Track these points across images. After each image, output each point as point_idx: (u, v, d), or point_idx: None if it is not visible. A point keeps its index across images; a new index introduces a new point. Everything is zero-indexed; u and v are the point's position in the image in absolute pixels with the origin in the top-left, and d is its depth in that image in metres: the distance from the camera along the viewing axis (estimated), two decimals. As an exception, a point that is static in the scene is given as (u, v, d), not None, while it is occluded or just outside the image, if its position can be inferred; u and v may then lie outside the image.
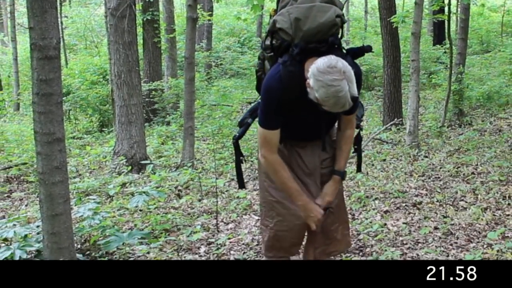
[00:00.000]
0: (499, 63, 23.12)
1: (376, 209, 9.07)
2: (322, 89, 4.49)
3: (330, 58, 4.55)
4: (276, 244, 5.30)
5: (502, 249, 7.19)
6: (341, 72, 4.47)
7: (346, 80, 4.47)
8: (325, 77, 4.47)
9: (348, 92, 4.48)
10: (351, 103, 4.57)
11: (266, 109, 4.97)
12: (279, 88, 4.82)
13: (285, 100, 4.84)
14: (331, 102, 4.53)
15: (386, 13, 15.05)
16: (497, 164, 11.01)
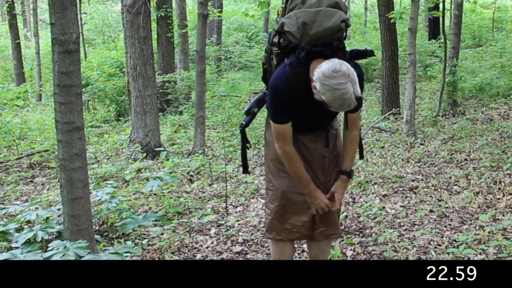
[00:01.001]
0: (490, 56, 23.21)
1: (375, 193, 9.07)
2: (329, 92, 4.52)
3: (334, 63, 4.56)
4: (277, 225, 5.28)
5: (493, 231, 7.19)
6: (346, 75, 4.49)
7: (350, 82, 4.49)
8: (331, 81, 4.50)
9: (352, 94, 4.50)
10: (355, 103, 4.61)
11: (275, 106, 4.99)
12: (285, 88, 4.85)
13: (291, 98, 4.86)
14: (338, 104, 4.56)
15: (384, 9, 15.08)
16: (489, 151, 11.03)
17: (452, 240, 7.09)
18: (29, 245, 6.00)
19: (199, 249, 7.17)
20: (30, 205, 7.45)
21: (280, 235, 5.29)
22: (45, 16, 35.83)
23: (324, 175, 5.26)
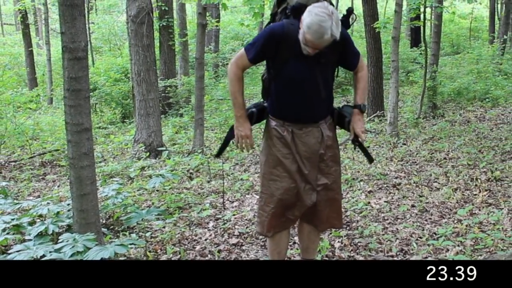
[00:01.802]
0: (468, 63, 23.35)
1: (361, 190, 9.09)
2: (309, 17, 4.63)
3: (325, 2, 4.75)
4: (273, 223, 5.22)
5: (470, 224, 7.24)
6: (329, 11, 4.61)
7: (332, 20, 4.57)
8: (315, 9, 4.64)
9: (330, 28, 4.58)
10: (329, 40, 4.65)
11: (258, 39, 5.07)
12: (280, 30, 4.92)
13: (283, 43, 4.91)
14: (313, 29, 4.61)
15: (370, 19, 15.19)
16: (466, 151, 11.10)
17: (432, 233, 7.10)
18: (41, 238, 6.00)
19: (198, 241, 7.16)
20: (42, 200, 7.48)
21: (278, 228, 5.27)
22: (56, 25, 36.09)
23: (316, 172, 5.20)
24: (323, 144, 5.20)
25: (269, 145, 5.23)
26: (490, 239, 6.61)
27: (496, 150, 11.15)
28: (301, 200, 5.18)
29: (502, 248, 6.37)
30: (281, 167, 5.14)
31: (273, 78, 5.13)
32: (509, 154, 10.77)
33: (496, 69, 21.03)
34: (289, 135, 5.13)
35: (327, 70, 5.08)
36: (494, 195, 8.51)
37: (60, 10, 5.36)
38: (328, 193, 5.27)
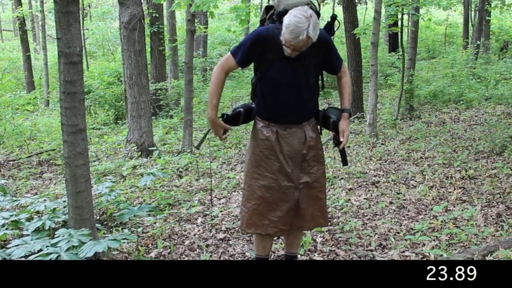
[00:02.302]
0: (443, 67, 23.48)
1: (341, 187, 9.10)
2: (288, 18, 4.75)
3: (305, 6, 4.82)
4: (256, 222, 5.25)
5: (445, 220, 7.28)
6: (308, 14, 4.70)
7: (310, 23, 4.66)
8: (295, 11, 4.75)
9: (307, 30, 4.68)
10: (305, 40, 4.72)
11: (245, 42, 5.12)
12: (265, 33, 5.01)
13: (268, 46, 4.97)
14: (290, 29, 4.71)
15: (350, 26, 15.25)
16: (441, 150, 11.14)
17: (409, 228, 7.14)
18: (38, 233, 6.01)
19: (187, 236, 7.17)
20: (39, 197, 7.49)
21: (259, 230, 5.27)
22: (52, 32, 35.80)
23: (299, 171, 5.22)
24: (306, 144, 5.23)
25: (254, 145, 5.28)
26: (464, 234, 6.67)
27: (470, 149, 11.18)
28: (283, 199, 5.20)
29: (475, 243, 6.40)
30: (263, 167, 5.19)
31: (259, 80, 5.16)
32: (482, 153, 10.80)
33: (470, 73, 21.14)
34: (274, 135, 5.16)
35: (310, 72, 5.11)
36: (468, 192, 8.55)
37: (56, 17, 5.36)
38: (310, 191, 5.28)
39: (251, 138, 5.38)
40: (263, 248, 5.58)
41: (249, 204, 5.26)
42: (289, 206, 5.23)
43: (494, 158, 10.43)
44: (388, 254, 6.32)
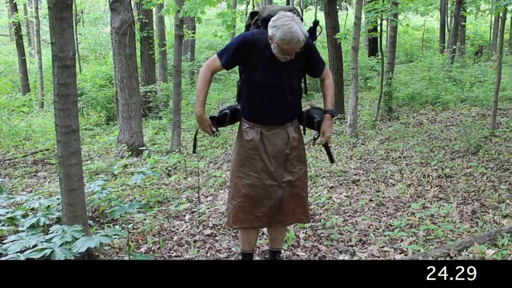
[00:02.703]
0: (420, 70, 23.77)
1: (323, 185, 9.12)
2: (279, 30, 4.76)
3: (281, 12, 4.89)
4: (242, 218, 5.30)
5: (422, 217, 7.32)
6: (290, 17, 4.76)
7: (296, 23, 4.71)
8: (278, 21, 4.77)
9: (299, 30, 4.74)
10: (304, 40, 4.80)
11: (230, 46, 5.14)
12: (250, 37, 5.05)
13: (252, 50, 5.02)
14: (288, 38, 4.73)
15: (331, 31, 15.35)
16: (419, 150, 11.20)
17: (388, 224, 7.18)
18: (33, 229, 6.01)
19: (175, 232, 7.19)
20: (34, 195, 7.46)
21: (244, 225, 5.32)
22: (47, 36, 36.06)
23: (282, 170, 5.27)
24: (289, 145, 5.27)
25: (239, 145, 5.31)
26: (441, 230, 6.70)
27: (446, 149, 11.24)
28: (267, 197, 5.24)
29: (451, 239, 6.44)
30: (248, 166, 5.23)
31: (244, 82, 5.19)
32: (458, 153, 10.87)
33: (446, 76, 21.38)
34: (258, 136, 5.20)
35: (293, 76, 5.13)
36: (444, 190, 8.59)
37: (51, 22, 5.36)
38: (292, 189, 5.33)
39: (236, 139, 5.41)
40: (249, 243, 5.59)
41: (234, 202, 5.31)
42: (273, 203, 5.27)
43: (469, 157, 10.50)
44: (368, 249, 6.33)
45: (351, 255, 6.20)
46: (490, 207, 7.66)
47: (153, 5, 13.50)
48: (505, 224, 6.82)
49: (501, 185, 8.63)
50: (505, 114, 15.37)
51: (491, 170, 9.50)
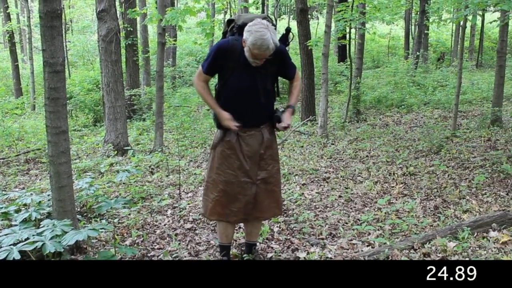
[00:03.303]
0: (386, 75, 23.91)
1: (296, 183, 9.17)
2: (252, 36, 4.85)
3: (258, 19, 4.95)
4: (219, 211, 5.39)
5: (388, 212, 7.38)
6: (265, 25, 4.84)
7: (269, 31, 4.77)
8: (253, 27, 4.87)
9: (271, 38, 4.83)
10: (273, 48, 4.88)
11: (209, 54, 5.25)
12: (226, 45, 5.15)
13: (228, 56, 5.11)
14: (259, 44, 4.82)
15: (303, 38, 15.39)
16: (385, 150, 11.29)
17: (356, 219, 7.23)
18: (25, 223, 6.00)
19: (158, 226, 7.21)
20: (26, 191, 7.43)
21: (221, 218, 5.39)
22: (38, 44, 36.15)
23: (257, 169, 5.33)
24: (263, 145, 5.34)
25: (217, 145, 5.36)
26: (405, 225, 6.75)
27: (410, 149, 11.32)
28: (242, 193, 5.31)
29: (415, 232, 6.47)
30: (225, 164, 5.30)
31: (222, 86, 5.26)
32: (421, 152, 10.94)
33: (410, 81, 21.50)
34: (235, 136, 5.27)
35: (266, 79, 5.21)
36: (408, 187, 8.66)
37: (42, 30, 5.36)
38: (266, 186, 5.39)
39: (214, 138, 5.46)
40: (226, 236, 5.64)
41: (212, 195, 5.37)
42: (248, 199, 5.33)
43: (432, 156, 10.57)
44: (338, 242, 6.35)
45: (322, 247, 6.21)
46: (451, 202, 7.72)
47: (137, 15, 13.57)
48: (465, 218, 6.87)
49: (461, 182, 8.70)
50: (465, 116, 15.49)
51: (452, 168, 9.58)
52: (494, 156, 10.01)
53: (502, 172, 9.02)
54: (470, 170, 9.41)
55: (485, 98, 18.41)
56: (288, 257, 5.98)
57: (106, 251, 5.63)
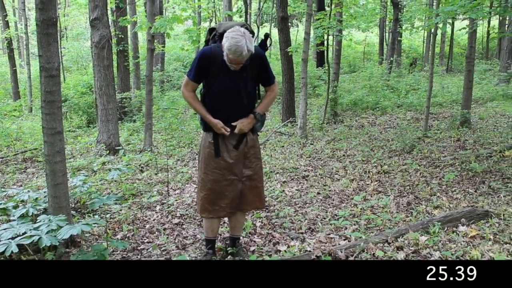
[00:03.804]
0: (362, 79, 24.06)
1: (277, 180, 9.21)
2: (228, 41, 4.88)
3: (236, 26, 5.01)
4: (208, 208, 5.40)
5: (363, 208, 7.42)
6: (242, 32, 4.87)
7: (245, 39, 4.82)
8: (230, 34, 4.90)
9: (245, 45, 4.85)
10: (248, 54, 4.92)
11: (195, 64, 5.21)
12: (209, 52, 5.14)
13: (212, 62, 5.13)
14: (233, 50, 4.86)
15: (284, 45, 15.55)
16: (360, 149, 11.36)
17: (333, 214, 7.25)
18: (23, 218, 5.99)
19: (147, 221, 7.22)
20: (24, 189, 7.42)
21: (211, 214, 5.41)
22: (35, 50, 36.37)
23: (242, 167, 5.37)
24: (247, 145, 5.37)
25: (205, 146, 5.39)
26: (380, 220, 6.79)
27: (384, 149, 11.40)
28: (229, 190, 5.35)
29: (389, 227, 6.51)
30: (213, 165, 5.31)
31: (207, 90, 5.26)
32: (395, 152, 11.02)
33: (385, 85, 21.73)
34: (221, 138, 5.30)
35: (247, 83, 5.22)
36: (383, 184, 8.70)
37: (38, 37, 5.36)
38: (251, 182, 5.42)
39: (202, 140, 5.48)
40: (212, 231, 5.66)
41: (201, 194, 5.39)
42: (234, 195, 5.37)
43: (405, 156, 10.64)
44: (316, 236, 6.37)
45: (302, 241, 6.24)
46: (423, 199, 7.76)
47: (128, 23, 13.58)
48: (436, 214, 6.90)
49: (432, 180, 8.75)
50: (436, 117, 15.60)
51: (424, 167, 9.63)
52: (463, 156, 10.10)
53: (471, 170, 9.08)
54: (441, 168, 9.47)
55: (454, 101, 18.59)
56: (269, 251, 5.99)
57: (99, 245, 5.62)
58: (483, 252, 5.46)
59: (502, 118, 15.09)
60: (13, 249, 4.87)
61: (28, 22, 27.55)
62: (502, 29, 25.26)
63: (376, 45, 38.26)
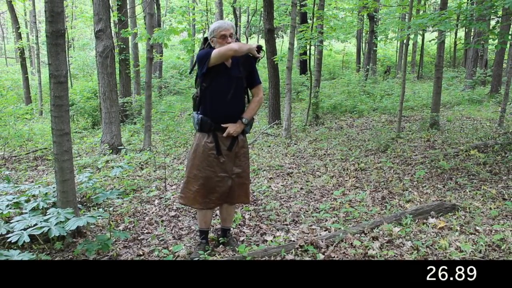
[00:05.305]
0: (341, 85, 23.97)
1: (264, 177, 9.21)
2: (213, 26, 5.14)
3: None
4: (199, 200, 5.40)
5: (342, 202, 7.42)
6: (229, 23, 4.99)
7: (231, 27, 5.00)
8: (217, 23, 5.15)
9: (226, 23, 5.13)
10: (232, 26, 5.13)
11: (202, 59, 5.14)
12: (207, 52, 5.05)
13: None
14: (221, 24, 5.10)
15: (270, 54, 15.45)
16: (339, 149, 11.33)
17: (315, 208, 7.25)
18: (34, 211, 6.03)
19: (147, 214, 7.23)
20: (35, 184, 7.48)
21: (202, 206, 5.41)
22: (45, 59, 36.33)
23: (232, 165, 5.39)
24: (238, 144, 5.39)
25: (198, 144, 5.40)
26: (357, 212, 6.82)
27: (361, 148, 11.37)
28: (220, 185, 5.35)
29: (365, 219, 6.53)
30: (206, 163, 5.32)
31: (206, 88, 5.26)
32: (371, 151, 11.02)
33: (362, 90, 21.72)
34: (214, 138, 5.32)
35: (242, 83, 5.30)
36: (359, 181, 8.70)
37: (48, 47, 5.36)
38: (239, 179, 5.45)
39: (196, 139, 5.48)
40: (205, 222, 5.69)
41: (194, 188, 5.37)
42: (224, 190, 5.39)
43: (380, 154, 10.65)
44: (299, 227, 6.37)
45: (286, 232, 6.25)
46: (396, 194, 7.79)
47: (129, 34, 13.56)
48: (408, 207, 6.94)
49: (405, 177, 8.77)
50: (408, 120, 15.59)
51: (397, 164, 9.65)
52: (433, 154, 10.12)
53: (439, 168, 9.12)
54: (412, 166, 9.49)
55: (424, 105, 18.59)
56: (257, 240, 6.02)
57: (103, 235, 5.63)
58: (451, 242, 5.50)
59: (467, 120, 15.08)
60: (25, 239, 4.92)
61: (38, 33, 27.42)
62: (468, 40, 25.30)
63: (353, 54, 38.27)
